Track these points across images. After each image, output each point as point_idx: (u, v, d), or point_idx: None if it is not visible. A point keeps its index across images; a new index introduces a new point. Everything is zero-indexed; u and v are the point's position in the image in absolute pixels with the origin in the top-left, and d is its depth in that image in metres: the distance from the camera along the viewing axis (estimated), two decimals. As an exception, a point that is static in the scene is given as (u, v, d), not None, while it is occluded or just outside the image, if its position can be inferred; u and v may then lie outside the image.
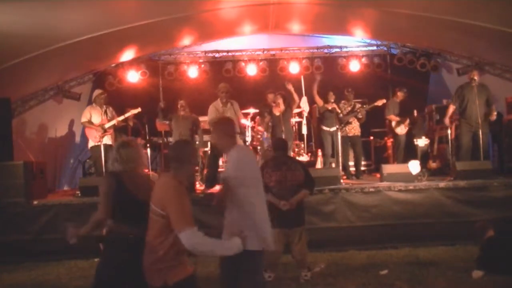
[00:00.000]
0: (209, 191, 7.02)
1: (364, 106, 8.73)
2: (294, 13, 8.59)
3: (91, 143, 7.70)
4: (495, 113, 7.47)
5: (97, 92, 7.97)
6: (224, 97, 7.29)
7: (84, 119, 7.72)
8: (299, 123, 8.79)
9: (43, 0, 5.67)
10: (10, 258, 6.19)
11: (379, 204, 6.48)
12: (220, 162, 8.22)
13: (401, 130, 8.57)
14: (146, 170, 8.36)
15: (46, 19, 6.10)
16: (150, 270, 2.80)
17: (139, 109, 7.83)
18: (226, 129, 3.29)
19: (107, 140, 7.60)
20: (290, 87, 7.40)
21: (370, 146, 10.03)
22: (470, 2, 6.55)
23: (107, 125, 7.58)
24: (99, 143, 7.46)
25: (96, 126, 7.57)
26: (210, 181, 7.14)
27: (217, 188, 7.30)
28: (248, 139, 8.22)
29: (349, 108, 8.54)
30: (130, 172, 3.11)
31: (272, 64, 10.16)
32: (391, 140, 9.23)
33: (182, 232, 2.64)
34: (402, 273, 5.09)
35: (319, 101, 8.44)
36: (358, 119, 8.53)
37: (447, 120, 7.77)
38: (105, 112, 7.67)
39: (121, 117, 7.79)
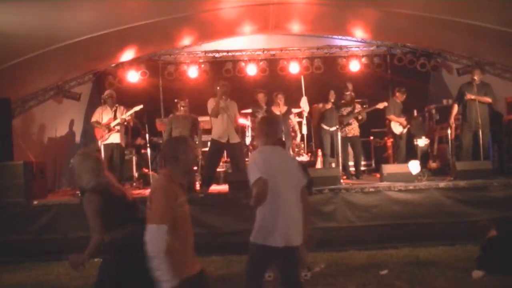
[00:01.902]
0: (207, 191, 6.98)
1: (364, 106, 8.73)
2: (294, 13, 8.59)
3: (100, 143, 7.82)
4: (489, 100, 7.46)
5: (107, 92, 8.11)
6: (219, 91, 7.00)
7: (93, 119, 7.92)
8: (299, 123, 8.79)
9: (43, 0, 5.68)
10: (10, 258, 6.18)
11: (379, 204, 6.47)
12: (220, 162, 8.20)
13: (401, 130, 8.56)
14: (146, 170, 8.37)
15: (46, 19, 6.10)
16: None
17: (141, 106, 7.87)
18: (265, 130, 3.46)
19: (116, 139, 7.74)
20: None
21: (370, 146, 10.03)
22: (470, 2, 6.54)
23: (112, 124, 7.72)
24: (105, 142, 7.62)
25: (102, 125, 7.72)
26: (206, 181, 7.11)
27: (215, 188, 7.28)
28: (248, 139, 8.21)
29: (349, 109, 8.53)
30: (106, 178, 3.18)
31: (272, 64, 10.14)
32: (391, 140, 9.23)
33: (149, 225, 2.66)
34: (402, 273, 5.09)
35: (318, 110, 8.54)
36: (358, 120, 8.53)
37: (451, 120, 7.78)
38: (115, 111, 7.77)
39: (124, 116, 7.82)
